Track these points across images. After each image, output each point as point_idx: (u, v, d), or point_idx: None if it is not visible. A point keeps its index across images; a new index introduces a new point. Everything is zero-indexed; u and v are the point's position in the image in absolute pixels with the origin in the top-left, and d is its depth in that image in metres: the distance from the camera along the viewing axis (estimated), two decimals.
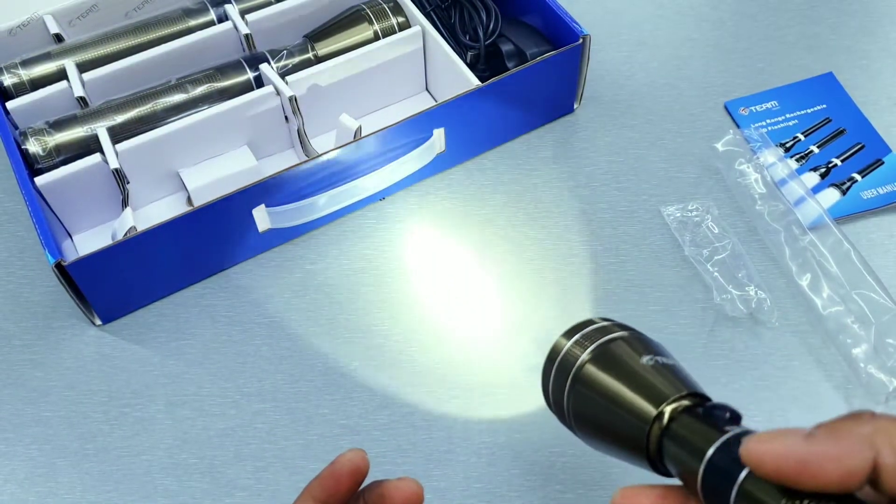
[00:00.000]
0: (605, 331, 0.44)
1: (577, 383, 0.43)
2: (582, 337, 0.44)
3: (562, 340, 0.45)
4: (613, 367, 0.42)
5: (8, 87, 0.72)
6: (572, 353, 0.44)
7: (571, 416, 0.43)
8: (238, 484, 0.58)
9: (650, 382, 0.41)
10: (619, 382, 0.41)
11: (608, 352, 0.43)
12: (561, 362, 0.44)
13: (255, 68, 0.71)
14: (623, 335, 0.44)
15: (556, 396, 0.44)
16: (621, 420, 0.40)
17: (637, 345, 0.43)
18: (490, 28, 0.73)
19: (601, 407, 0.41)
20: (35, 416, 0.61)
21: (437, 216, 0.71)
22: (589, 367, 0.43)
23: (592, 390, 0.42)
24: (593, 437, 0.43)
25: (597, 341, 0.43)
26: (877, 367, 0.60)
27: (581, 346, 0.44)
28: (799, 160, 0.72)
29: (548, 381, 0.45)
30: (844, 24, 0.82)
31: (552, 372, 0.45)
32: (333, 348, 0.64)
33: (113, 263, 0.61)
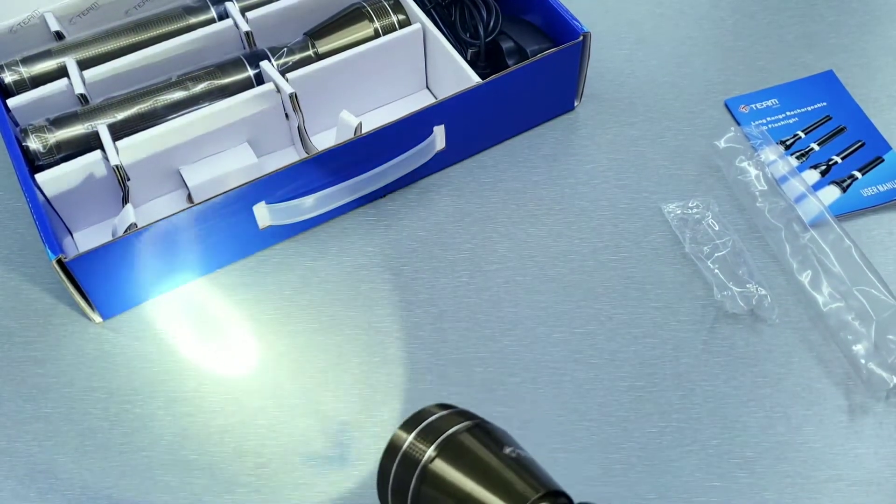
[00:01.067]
0: (450, 421, 0.40)
1: (423, 482, 0.39)
2: (425, 430, 0.40)
3: (401, 434, 0.41)
4: (465, 463, 0.38)
5: (9, 84, 0.72)
6: (416, 448, 0.40)
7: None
8: (238, 480, 0.58)
9: (508, 479, 0.36)
10: (472, 481, 0.37)
11: (457, 445, 0.39)
12: (403, 459, 0.40)
13: (255, 66, 0.71)
14: (469, 425, 0.39)
15: (397, 498, 0.40)
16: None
17: (488, 436, 0.39)
18: (490, 25, 0.73)
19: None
20: (35, 412, 0.61)
21: (438, 213, 0.71)
22: (437, 463, 0.39)
23: (443, 490, 0.38)
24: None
25: (443, 433, 0.39)
26: (877, 363, 0.60)
27: (425, 440, 0.40)
28: (799, 158, 0.72)
29: (386, 482, 0.41)
30: (844, 23, 0.82)
31: (392, 471, 0.40)
32: (334, 345, 0.64)
33: (113, 260, 0.61)
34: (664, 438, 0.59)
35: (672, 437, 0.59)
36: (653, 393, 0.61)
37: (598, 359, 0.62)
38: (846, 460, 0.58)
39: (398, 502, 0.40)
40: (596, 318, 0.64)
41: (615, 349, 0.63)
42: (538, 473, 0.37)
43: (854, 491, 0.56)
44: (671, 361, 0.62)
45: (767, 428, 0.59)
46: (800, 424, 0.59)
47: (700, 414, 0.60)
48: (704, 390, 0.61)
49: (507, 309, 0.65)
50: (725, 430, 0.59)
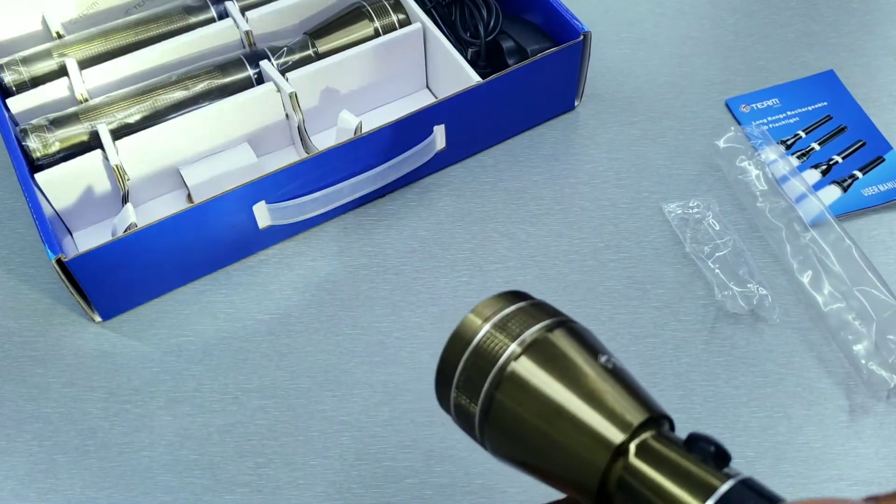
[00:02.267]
0: (535, 315, 0.32)
1: (499, 387, 0.31)
2: (504, 319, 0.32)
3: (474, 320, 0.33)
4: (556, 368, 0.30)
5: (9, 84, 0.71)
6: (495, 341, 0.32)
7: (485, 425, 0.32)
8: (238, 480, 0.58)
9: (608, 397, 0.29)
10: (567, 390, 0.30)
11: (547, 344, 0.31)
12: (477, 353, 0.32)
13: (255, 65, 0.71)
14: (558, 322, 0.32)
15: (466, 395, 0.32)
16: (565, 446, 0.29)
17: (580, 339, 0.32)
18: (491, 25, 0.73)
19: (534, 423, 0.30)
20: (35, 412, 0.61)
21: (438, 213, 0.71)
22: (523, 362, 0.31)
23: (524, 400, 0.30)
24: (513, 456, 0.32)
25: (529, 328, 0.32)
26: (878, 363, 0.60)
27: (506, 333, 0.32)
28: (800, 157, 0.72)
29: (449, 380, 0.32)
30: (845, 22, 0.82)
31: (458, 366, 0.32)
32: (334, 345, 0.64)
33: (113, 260, 0.61)
34: None
35: None
36: (653, 393, 0.60)
37: None
38: (847, 460, 0.58)
39: (465, 404, 0.32)
40: (597, 317, 0.64)
41: (616, 349, 0.62)
42: (639, 391, 0.30)
43: (855, 491, 0.56)
44: (672, 361, 0.62)
45: (768, 428, 0.59)
46: (800, 424, 0.59)
47: (701, 414, 0.60)
48: (705, 390, 0.61)
49: None
50: (726, 430, 0.59)
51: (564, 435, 0.29)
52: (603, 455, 0.28)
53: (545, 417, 0.30)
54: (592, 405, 0.29)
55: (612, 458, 0.28)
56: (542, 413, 0.30)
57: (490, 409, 0.31)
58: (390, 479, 0.58)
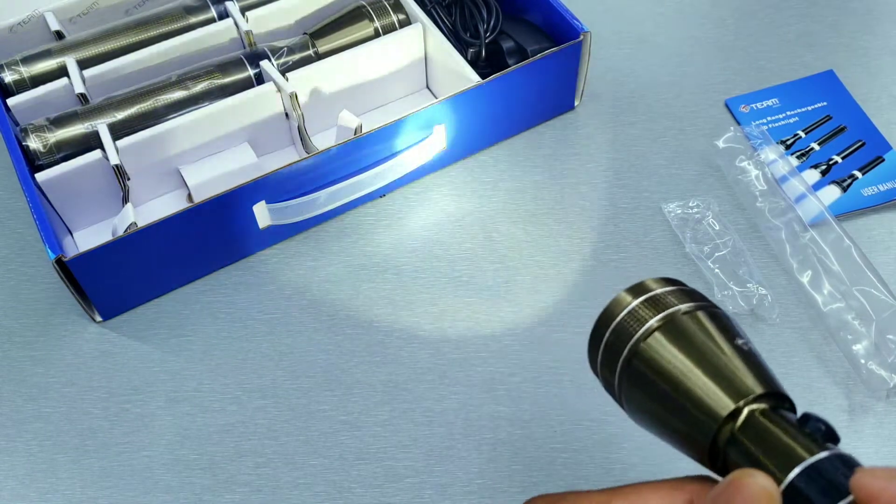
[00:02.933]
0: (679, 298, 0.37)
1: (636, 356, 0.36)
2: (651, 299, 0.37)
3: (625, 297, 0.38)
4: (687, 343, 0.35)
5: (9, 83, 0.72)
6: (637, 315, 0.37)
7: (623, 388, 0.37)
8: (238, 480, 0.58)
9: (732, 370, 0.33)
10: (692, 363, 0.34)
11: (683, 322, 0.36)
12: (620, 325, 0.37)
13: (255, 65, 0.71)
14: (699, 306, 0.36)
15: (608, 362, 0.37)
16: (684, 409, 0.34)
17: (718, 322, 0.36)
18: (491, 25, 0.73)
19: (661, 388, 0.35)
20: (35, 412, 0.61)
21: (438, 213, 0.71)
22: (657, 336, 0.36)
23: (655, 366, 0.35)
24: (644, 417, 0.37)
25: (670, 307, 0.36)
26: (877, 363, 0.60)
27: (649, 309, 0.37)
28: (799, 157, 0.72)
29: (597, 348, 0.38)
30: (845, 22, 0.82)
31: (605, 336, 0.37)
32: (334, 345, 0.64)
33: (113, 260, 0.61)
34: None
35: None
36: None
37: None
38: None
39: (607, 371, 0.37)
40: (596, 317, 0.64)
41: None
42: (766, 371, 0.34)
43: None
44: None
45: None
46: None
47: None
48: None
49: (507, 308, 0.65)
50: None
51: (691, 392, 0.34)
52: (722, 410, 0.32)
53: (675, 376, 0.34)
54: (719, 370, 0.33)
55: (729, 417, 0.32)
56: (670, 379, 0.34)
57: (631, 363, 0.36)
58: (390, 479, 0.58)
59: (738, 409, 0.32)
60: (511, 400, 0.61)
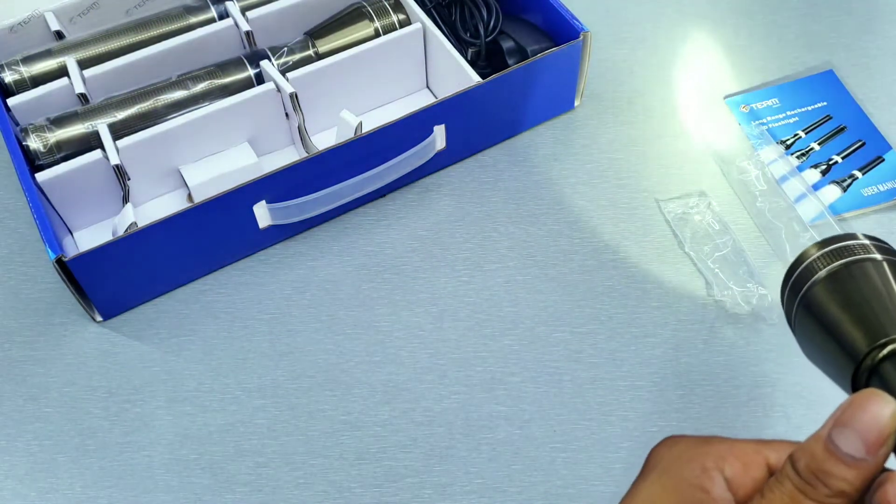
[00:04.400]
0: (858, 251, 0.41)
1: (802, 303, 0.40)
2: (831, 252, 0.41)
3: (811, 249, 0.42)
4: (842, 293, 0.39)
5: (9, 83, 0.72)
6: (812, 267, 0.41)
7: (796, 330, 0.41)
8: (238, 479, 0.58)
9: (875, 313, 0.37)
10: (841, 311, 0.38)
11: (847, 273, 0.40)
12: (800, 274, 0.41)
13: (255, 65, 0.71)
14: (876, 258, 0.40)
15: (787, 308, 0.42)
16: (833, 351, 0.38)
17: (886, 271, 0.39)
18: (491, 25, 0.73)
19: (818, 334, 0.39)
20: (36, 412, 0.62)
21: (438, 213, 0.71)
22: (818, 288, 0.40)
23: (814, 315, 0.39)
24: (811, 356, 0.41)
25: (842, 259, 0.40)
26: None
27: (824, 261, 0.41)
28: (799, 157, 0.72)
29: (784, 290, 0.42)
30: (844, 22, 0.82)
31: (789, 282, 0.42)
32: (334, 344, 0.64)
33: (114, 259, 0.61)
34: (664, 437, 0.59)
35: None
36: (653, 392, 0.61)
37: (598, 358, 0.63)
38: None
39: (789, 301, 0.41)
40: (596, 317, 0.64)
41: (615, 348, 0.63)
42: None
43: None
44: (671, 361, 0.62)
45: (767, 427, 0.59)
46: (800, 424, 0.59)
47: (700, 413, 0.60)
48: (704, 390, 0.61)
49: (507, 308, 0.65)
50: (725, 430, 0.59)
51: (834, 339, 0.37)
52: (857, 354, 0.36)
53: (825, 327, 0.38)
54: (855, 322, 0.37)
55: (876, 349, 0.35)
56: (823, 324, 0.38)
57: (797, 316, 0.40)
58: (390, 479, 0.58)
59: (884, 344, 0.35)
60: (511, 400, 0.61)
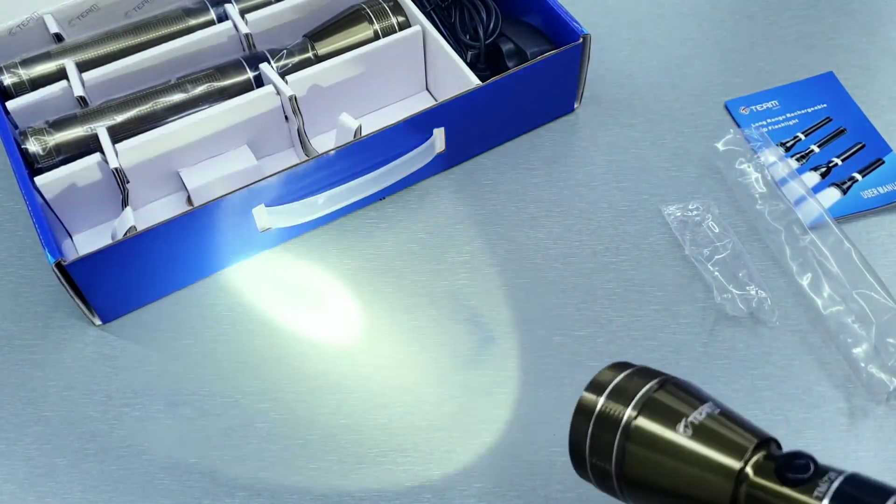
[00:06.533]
0: (638, 382, 0.40)
1: (628, 440, 0.39)
2: (614, 391, 0.40)
3: (589, 397, 0.41)
4: (670, 419, 0.38)
5: (8, 86, 0.71)
6: (612, 409, 0.39)
7: (622, 478, 0.39)
8: (238, 484, 0.58)
9: (720, 433, 0.37)
10: (684, 437, 0.37)
11: (657, 403, 0.39)
12: (600, 421, 0.40)
13: (254, 68, 0.71)
14: (660, 382, 0.40)
15: (600, 457, 0.40)
16: (693, 482, 0.36)
17: (684, 392, 0.39)
18: (490, 27, 0.73)
19: (662, 467, 0.37)
20: (35, 415, 0.61)
21: (438, 216, 0.71)
22: (641, 420, 0.38)
23: (651, 446, 0.38)
24: (651, 500, 0.39)
25: (637, 393, 0.39)
26: (877, 366, 0.60)
27: (619, 401, 0.39)
28: (799, 160, 0.72)
29: (583, 445, 0.41)
30: (845, 24, 0.82)
31: (588, 432, 0.40)
32: (334, 348, 0.64)
33: (113, 263, 0.61)
34: None
35: None
36: None
37: (598, 361, 0.62)
38: (846, 463, 0.57)
39: (599, 460, 0.40)
40: (596, 320, 0.64)
41: (615, 352, 0.63)
42: (745, 424, 0.38)
43: None
44: (671, 364, 0.62)
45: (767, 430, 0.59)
46: (800, 427, 0.59)
47: None
48: None
49: (506, 312, 0.65)
50: None
51: (691, 473, 0.36)
52: (727, 481, 0.35)
53: (670, 461, 0.37)
54: (708, 444, 0.36)
55: (736, 482, 0.35)
56: (667, 458, 0.37)
57: (623, 462, 0.39)
58: (389, 483, 0.58)
59: (743, 468, 0.35)
60: (510, 403, 0.61)
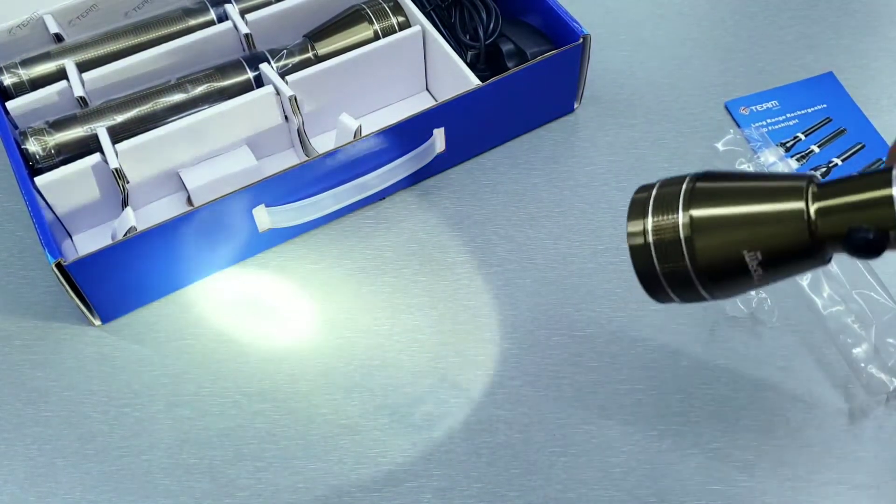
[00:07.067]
0: (672, 184, 0.41)
1: (694, 234, 0.39)
2: (656, 204, 0.41)
3: (636, 226, 0.41)
4: (722, 194, 0.39)
5: (8, 86, 0.71)
6: (669, 190, 0.40)
7: (700, 272, 0.40)
8: (238, 484, 0.58)
9: (773, 176, 0.38)
10: (745, 182, 0.39)
11: (703, 189, 0.40)
12: (657, 232, 0.40)
13: (254, 68, 0.71)
14: (694, 176, 0.41)
15: (672, 263, 0.40)
16: (767, 219, 0.38)
17: (719, 173, 0.40)
18: (490, 27, 0.73)
19: (733, 226, 0.38)
20: (35, 416, 0.61)
21: (437, 216, 0.71)
22: (696, 211, 0.39)
23: (716, 222, 0.39)
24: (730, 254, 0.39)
25: (679, 193, 0.40)
26: (877, 366, 0.60)
27: (668, 208, 0.40)
28: (799, 160, 0.72)
29: (650, 265, 0.40)
30: (845, 24, 0.82)
31: (651, 251, 0.40)
32: (334, 348, 0.64)
33: (113, 263, 0.61)
34: (664, 442, 0.59)
35: (672, 440, 0.59)
36: (653, 396, 0.61)
37: (597, 362, 0.62)
38: (846, 463, 0.58)
39: (673, 264, 0.40)
40: (596, 320, 0.64)
41: (615, 352, 0.63)
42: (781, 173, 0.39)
43: (854, 494, 0.56)
44: (671, 364, 0.62)
45: (767, 431, 0.59)
46: (800, 427, 0.59)
47: (700, 417, 0.60)
48: (704, 393, 0.61)
49: (506, 311, 0.65)
50: (725, 434, 0.59)
51: (761, 213, 0.38)
52: (799, 199, 0.36)
53: (738, 217, 0.38)
54: (769, 181, 0.38)
55: (805, 198, 0.37)
56: (734, 217, 0.38)
57: (694, 253, 0.39)
58: (390, 483, 0.58)
59: (805, 188, 0.36)
60: (510, 403, 0.61)
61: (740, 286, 0.41)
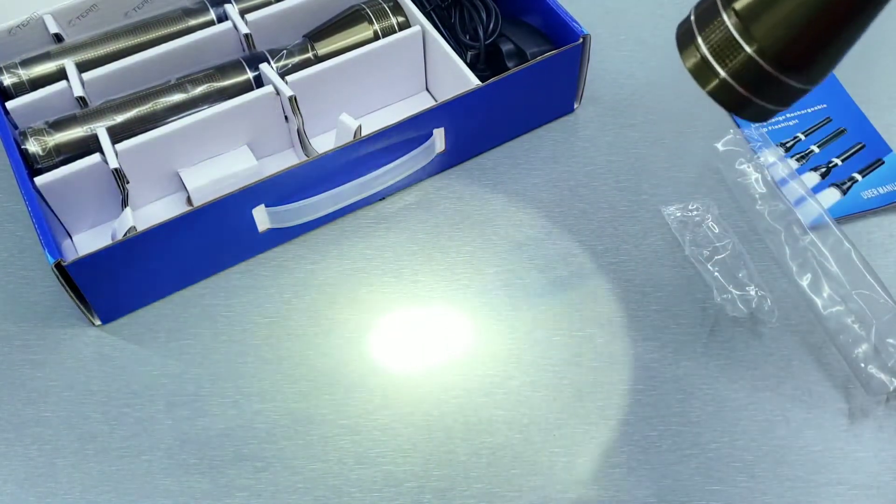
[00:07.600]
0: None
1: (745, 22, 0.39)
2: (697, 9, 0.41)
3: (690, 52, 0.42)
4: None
5: (7, 86, 0.71)
6: (704, 7, 0.41)
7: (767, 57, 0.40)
8: (238, 484, 0.58)
9: None
10: None
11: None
12: (700, 19, 0.41)
13: (254, 68, 0.71)
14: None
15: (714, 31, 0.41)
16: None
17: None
18: (490, 28, 0.73)
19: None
20: (35, 416, 0.61)
21: (437, 216, 0.71)
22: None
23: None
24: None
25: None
26: (877, 366, 0.60)
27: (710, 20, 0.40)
28: (799, 160, 0.72)
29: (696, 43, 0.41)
30: None
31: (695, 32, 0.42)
32: (333, 348, 0.64)
33: (113, 263, 0.61)
34: (664, 442, 0.59)
35: (672, 440, 0.59)
36: (652, 396, 0.61)
37: (597, 362, 0.62)
38: (846, 464, 0.58)
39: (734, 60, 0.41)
40: (595, 321, 0.64)
41: (615, 352, 0.63)
42: None
43: (854, 495, 0.56)
44: (671, 364, 0.62)
45: (767, 431, 0.59)
46: (800, 428, 0.59)
47: (700, 417, 0.60)
48: (704, 393, 0.61)
49: (506, 312, 0.65)
50: (725, 434, 0.59)
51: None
52: None
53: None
54: None
55: None
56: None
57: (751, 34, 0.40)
58: (389, 484, 0.58)
59: None
60: (510, 404, 0.61)
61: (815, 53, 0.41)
